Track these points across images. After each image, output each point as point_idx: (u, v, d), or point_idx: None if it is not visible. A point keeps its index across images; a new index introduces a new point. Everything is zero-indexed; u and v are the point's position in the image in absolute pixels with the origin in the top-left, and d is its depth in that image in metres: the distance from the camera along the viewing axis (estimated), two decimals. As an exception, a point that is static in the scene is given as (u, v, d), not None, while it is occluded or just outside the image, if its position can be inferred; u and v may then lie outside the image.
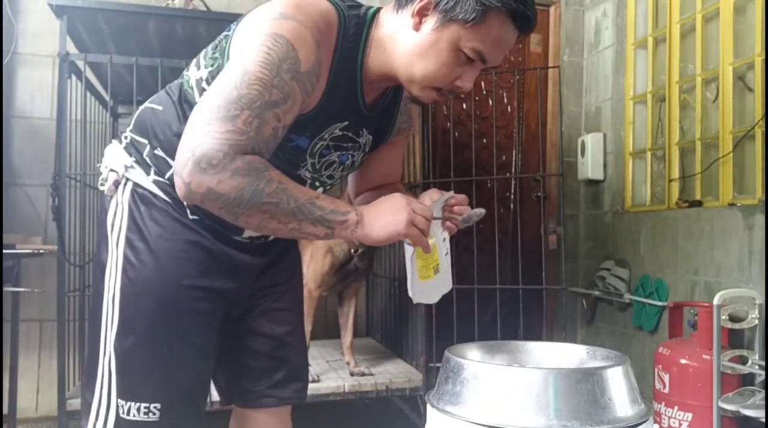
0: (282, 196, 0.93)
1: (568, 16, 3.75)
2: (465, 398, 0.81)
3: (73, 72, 2.24)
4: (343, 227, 0.96)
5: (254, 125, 0.91)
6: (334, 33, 1.01)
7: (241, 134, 0.91)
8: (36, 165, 2.82)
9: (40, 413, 2.78)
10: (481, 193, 3.03)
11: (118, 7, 2.21)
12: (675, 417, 2.38)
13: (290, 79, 0.94)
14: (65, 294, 2.18)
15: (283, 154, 1.05)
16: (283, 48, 0.93)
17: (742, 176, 2.70)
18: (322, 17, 0.98)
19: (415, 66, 1.02)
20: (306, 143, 1.07)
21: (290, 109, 0.96)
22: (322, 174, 1.15)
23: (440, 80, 1.02)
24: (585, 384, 0.79)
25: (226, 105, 0.91)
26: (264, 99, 0.92)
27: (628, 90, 3.39)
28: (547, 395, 0.78)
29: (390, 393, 2.53)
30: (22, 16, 2.85)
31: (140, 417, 1.05)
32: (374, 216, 0.98)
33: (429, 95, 1.05)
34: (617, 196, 3.44)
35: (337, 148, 1.12)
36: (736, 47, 2.72)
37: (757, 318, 2.31)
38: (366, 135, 1.16)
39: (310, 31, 0.95)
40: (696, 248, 2.77)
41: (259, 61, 0.92)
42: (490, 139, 3.33)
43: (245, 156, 0.91)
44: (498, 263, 2.74)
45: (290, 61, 0.93)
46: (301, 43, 0.94)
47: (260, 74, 0.92)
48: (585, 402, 0.78)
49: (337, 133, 1.09)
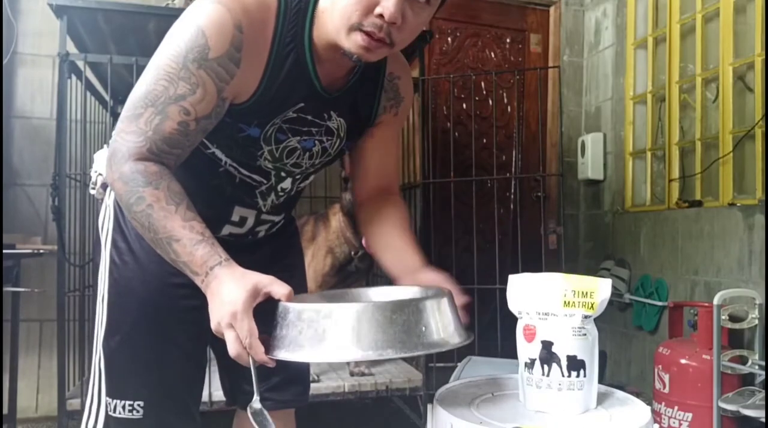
0: (145, 220, 0.90)
1: (568, 16, 3.75)
2: (290, 340, 0.83)
3: (73, 72, 2.24)
4: (195, 281, 0.90)
5: (154, 123, 0.91)
6: (272, 13, 0.95)
7: (138, 136, 0.91)
8: (36, 165, 2.82)
9: (40, 413, 2.77)
10: (481, 193, 3.04)
11: (118, 7, 2.21)
12: (675, 417, 2.38)
13: (196, 69, 0.91)
14: (65, 294, 2.18)
15: (236, 146, 1.03)
16: (192, 36, 0.90)
17: (742, 176, 2.70)
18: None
19: (333, 11, 0.93)
20: (257, 132, 1.02)
21: (202, 100, 0.92)
22: (284, 162, 1.08)
23: (357, 9, 0.91)
24: (400, 314, 0.82)
25: (135, 102, 0.92)
26: (168, 94, 0.91)
27: (628, 90, 3.39)
28: (362, 327, 0.80)
29: (390, 393, 2.53)
30: (22, 16, 2.85)
31: (125, 414, 1.09)
32: (211, 297, 0.88)
33: (355, 41, 0.93)
34: (617, 195, 3.44)
35: (294, 131, 1.05)
36: (736, 47, 2.72)
37: (757, 318, 2.31)
38: (336, 118, 1.09)
39: (231, 14, 0.91)
40: (696, 248, 2.77)
41: (169, 54, 0.91)
42: (490, 139, 3.33)
43: (137, 162, 0.91)
44: (498, 263, 2.74)
45: (197, 49, 0.90)
46: (214, 28, 0.90)
47: (167, 68, 0.91)
48: (400, 331, 0.81)
49: (291, 116, 1.03)
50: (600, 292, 0.95)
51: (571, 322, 0.94)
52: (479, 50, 3.62)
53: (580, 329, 0.94)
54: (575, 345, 0.94)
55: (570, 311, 0.94)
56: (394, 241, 1.15)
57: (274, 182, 1.12)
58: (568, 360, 0.94)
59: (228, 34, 0.91)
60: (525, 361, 0.97)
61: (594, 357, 0.95)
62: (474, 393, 1.06)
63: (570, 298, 0.94)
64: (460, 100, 3.54)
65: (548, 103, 3.71)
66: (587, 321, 0.95)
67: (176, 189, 0.92)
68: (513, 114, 3.62)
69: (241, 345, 0.85)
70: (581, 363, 0.94)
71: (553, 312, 0.95)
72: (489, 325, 2.73)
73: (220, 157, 1.05)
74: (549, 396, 0.94)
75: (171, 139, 0.92)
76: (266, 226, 1.20)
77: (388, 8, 0.89)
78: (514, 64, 3.67)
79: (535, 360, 0.95)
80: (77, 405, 2.19)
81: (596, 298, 0.94)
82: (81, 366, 2.27)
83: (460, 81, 3.45)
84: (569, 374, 0.93)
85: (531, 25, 3.74)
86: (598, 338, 0.97)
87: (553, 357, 0.94)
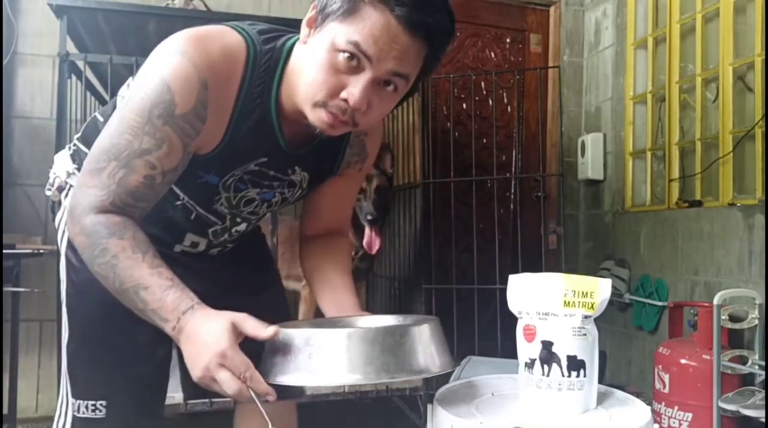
0: (109, 272, 0.88)
1: (568, 16, 3.76)
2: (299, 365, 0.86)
3: (73, 72, 2.24)
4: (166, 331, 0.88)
5: (117, 177, 0.90)
6: (239, 69, 0.93)
7: (101, 189, 0.90)
8: (36, 165, 2.81)
9: (40, 413, 2.77)
10: (481, 193, 3.04)
11: (118, 7, 2.21)
12: (675, 417, 2.38)
13: (162, 124, 0.89)
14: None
15: (194, 189, 1.04)
16: (157, 91, 0.89)
17: (742, 176, 2.70)
18: (224, 54, 0.92)
19: (301, 82, 0.93)
20: (215, 180, 1.02)
21: (168, 155, 0.91)
22: (241, 210, 1.09)
23: (321, 89, 0.90)
24: (406, 338, 0.87)
25: (98, 155, 0.91)
26: (133, 148, 0.89)
27: (628, 90, 3.39)
28: (353, 353, 0.84)
29: (390, 393, 2.52)
30: (22, 16, 2.85)
31: (88, 414, 1.10)
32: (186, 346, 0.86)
33: (319, 116, 0.92)
34: (617, 195, 3.44)
35: (255, 183, 1.05)
36: (736, 47, 2.72)
37: (757, 318, 2.31)
38: (300, 172, 1.09)
39: (198, 70, 0.89)
40: (696, 248, 2.77)
41: (134, 107, 0.90)
42: (490, 139, 3.33)
43: (99, 215, 0.90)
44: (498, 263, 2.74)
45: (163, 105, 0.89)
46: (180, 83, 0.88)
47: (132, 122, 0.89)
48: (407, 354, 0.86)
49: (253, 169, 1.03)
50: (600, 292, 0.95)
51: (571, 322, 0.94)
52: (479, 50, 3.62)
53: (580, 329, 0.94)
54: (575, 345, 0.94)
55: (570, 311, 0.94)
56: (332, 281, 1.16)
57: (228, 225, 1.13)
58: (568, 360, 0.94)
59: (194, 90, 0.89)
60: (525, 361, 0.97)
61: (594, 357, 0.96)
62: (474, 393, 1.06)
63: (570, 298, 0.94)
64: (460, 100, 3.54)
65: (548, 103, 3.71)
66: (587, 321, 0.95)
67: (141, 238, 0.91)
68: (513, 114, 3.62)
69: (239, 381, 0.83)
70: (581, 363, 0.94)
71: (553, 312, 0.95)
72: (489, 325, 2.73)
73: (179, 193, 1.05)
74: (549, 396, 0.94)
75: (136, 192, 0.91)
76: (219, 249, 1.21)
77: (354, 95, 0.88)
78: (514, 64, 3.67)
79: (535, 360, 0.95)
80: (77, 405, 2.19)
81: (596, 298, 0.94)
82: (81, 366, 2.27)
83: (460, 81, 3.45)
84: (569, 374, 0.94)
85: (531, 25, 3.74)
86: (598, 338, 0.97)
87: (553, 357, 0.94)
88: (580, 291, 0.94)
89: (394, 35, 0.87)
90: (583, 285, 0.95)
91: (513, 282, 1.02)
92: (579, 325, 0.94)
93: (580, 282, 0.95)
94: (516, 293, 1.01)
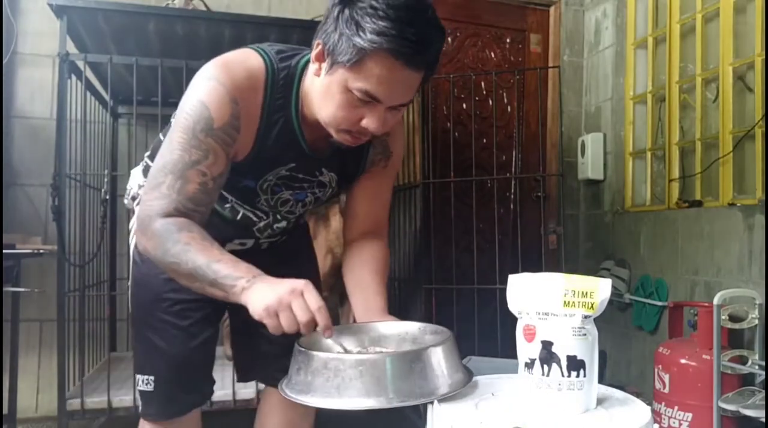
0: (183, 256, 0.99)
1: (568, 16, 3.76)
2: (316, 386, 0.93)
3: (73, 72, 2.24)
4: (232, 291, 0.98)
5: (176, 187, 1.04)
6: (260, 85, 1.08)
7: (163, 198, 1.03)
8: (36, 165, 2.81)
9: (40, 413, 2.77)
10: (481, 193, 3.04)
11: (118, 7, 2.21)
12: (675, 417, 2.38)
13: (205, 137, 1.04)
14: (65, 294, 2.18)
15: (237, 192, 1.19)
16: (197, 110, 1.04)
17: (742, 176, 2.71)
18: (247, 73, 1.06)
19: (321, 111, 1.06)
20: (252, 184, 1.17)
21: (215, 162, 1.05)
22: (278, 209, 1.25)
23: (343, 122, 1.04)
24: (417, 363, 0.93)
25: (156, 173, 1.06)
26: (184, 161, 1.04)
27: (628, 90, 3.39)
28: (366, 379, 0.91)
29: (390, 393, 2.52)
30: (22, 16, 2.85)
31: (143, 386, 1.30)
32: (260, 289, 0.96)
33: (343, 138, 1.07)
34: (617, 195, 3.44)
35: (287, 186, 1.20)
36: (736, 47, 2.72)
37: (757, 318, 2.31)
38: (327, 173, 1.22)
39: (227, 89, 1.04)
40: (696, 248, 2.78)
41: (180, 127, 1.05)
42: (490, 139, 3.33)
43: (167, 218, 1.03)
44: (498, 263, 2.74)
45: (203, 121, 1.03)
46: (215, 102, 1.03)
47: (180, 139, 1.04)
48: (418, 378, 0.93)
49: (284, 174, 1.17)
50: (600, 292, 0.95)
51: (571, 322, 0.94)
52: (479, 50, 3.62)
53: (580, 329, 0.94)
54: (575, 345, 0.94)
55: (570, 311, 0.94)
56: (363, 282, 1.25)
57: (270, 221, 1.28)
58: (568, 360, 0.94)
59: (227, 106, 1.04)
60: (525, 361, 0.97)
61: (594, 357, 0.95)
62: (474, 393, 1.06)
63: (570, 298, 0.94)
64: (460, 100, 3.54)
65: (548, 103, 3.71)
66: (587, 321, 0.95)
67: (207, 235, 1.03)
68: (513, 114, 3.62)
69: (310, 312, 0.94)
70: (581, 363, 0.94)
71: (553, 312, 0.95)
72: (489, 325, 2.74)
73: (227, 196, 1.21)
74: (549, 396, 0.94)
75: (194, 197, 1.05)
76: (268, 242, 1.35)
77: (373, 124, 1.03)
78: (514, 64, 3.67)
79: (535, 360, 0.95)
80: (77, 405, 2.19)
81: (596, 298, 0.94)
82: (81, 366, 2.27)
83: (460, 81, 3.45)
84: (569, 374, 0.93)
85: (531, 25, 3.74)
86: (598, 338, 0.97)
87: (553, 357, 0.94)
88: (580, 291, 0.94)
89: (399, 77, 1.00)
90: (583, 285, 0.95)
91: (513, 282, 1.02)
92: (579, 325, 0.94)
93: (580, 282, 0.95)
94: (516, 293, 1.01)
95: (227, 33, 2.36)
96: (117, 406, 2.22)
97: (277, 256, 1.36)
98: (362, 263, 1.27)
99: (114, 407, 2.21)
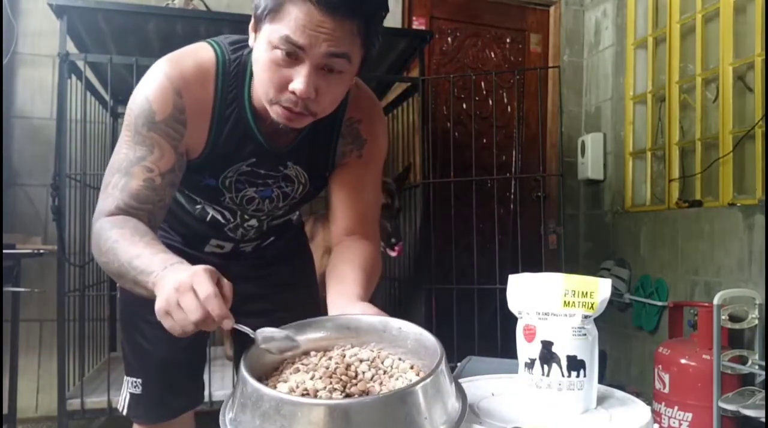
0: (111, 255, 0.93)
1: (568, 16, 3.76)
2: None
3: (73, 72, 2.24)
4: (149, 290, 0.86)
5: (120, 185, 1.00)
6: (210, 78, 1.03)
7: (107, 198, 1.00)
8: (36, 165, 2.82)
9: (40, 413, 2.77)
10: (481, 193, 3.03)
11: (118, 7, 2.21)
12: (675, 417, 2.38)
13: (147, 132, 1.00)
14: (65, 294, 2.18)
15: (202, 192, 1.16)
16: (140, 105, 1.01)
17: (742, 176, 2.71)
18: (195, 66, 1.03)
19: (257, 85, 1.00)
20: (214, 182, 1.12)
21: (161, 157, 1.01)
22: (245, 208, 1.18)
23: (270, 87, 0.96)
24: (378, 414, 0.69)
25: (105, 176, 1.03)
26: (129, 158, 1.01)
27: (628, 90, 3.39)
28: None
29: (390, 393, 2.52)
30: (22, 16, 2.85)
31: (131, 389, 1.30)
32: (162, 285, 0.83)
33: (276, 112, 0.98)
34: (617, 196, 3.44)
35: (250, 183, 1.13)
36: (736, 47, 2.72)
37: (757, 318, 2.31)
38: (293, 166, 1.13)
39: (171, 82, 1.00)
40: (696, 248, 2.77)
41: (125, 125, 1.03)
42: (490, 139, 3.33)
43: (106, 217, 0.98)
44: (498, 263, 2.74)
45: (144, 115, 1.00)
46: (157, 95, 1.00)
47: (125, 137, 1.02)
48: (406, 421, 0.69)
49: (245, 169, 1.11)
50: (600, 292, 0.95)
51: (571, 322, 0.94)
52: (479, 50, 3.62)
53: (580, 329, 0.94)
54: (575, 345, 0.94)
55: (570, 311, 0.94)
56: (341, 274, 1.06)
57: (239, 222, 1.23)
58: (568, 360, 0.94)
59: (170, 99, 1.00)
60: (525, 361, 0.97)
61: (594, 357, 0.95)
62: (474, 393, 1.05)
63: (570, 298, 0.94)
64: (460, 100, 3.54)
65: (548, 103, 3.71)
66: (587, 321, 0.95)
67: (142, 228, 0.96)
68: (513, 114, 3.62)
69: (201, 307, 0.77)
70: (581, 363, 0.94)
71: (553, 312, 0.95)
72: (489, 325, 2.73)
73: (195, 198, 1.19)
74: (549, 396, 0.94)
75: (139, 195, 1.00)
76: (251, 245, 1.31)
77: (299, 85, 0.93)
78: (514, 64, 3.67)
79: (535, 360, 0.95)
80: (77, 405, 2.19)
81: (596, 298, 0.94)
82: (81, 366, 2.27)
83: (460, 81, 3.45)
84: (569, 374, 0.93)
85: (531, 25, 3.74)
86: (598, 338, 0.97)
87: (553, 357, 0.94)
88: (580, 291, 0.94)
89: (318, 21, 0.91)
90: (583, 285, 0.95)
91: (513, 282, 1.02)
92: (579, 325, 0.94)
93: (580, 282, 0.95)
94: (516, 293, 1.01)
95: (227, 33, 2.36)
96: (117, 406, 2.22)
97: (263, 259, 1.32)
98: (344, 261, 1.09)
99: (114, 407, 2.21)
